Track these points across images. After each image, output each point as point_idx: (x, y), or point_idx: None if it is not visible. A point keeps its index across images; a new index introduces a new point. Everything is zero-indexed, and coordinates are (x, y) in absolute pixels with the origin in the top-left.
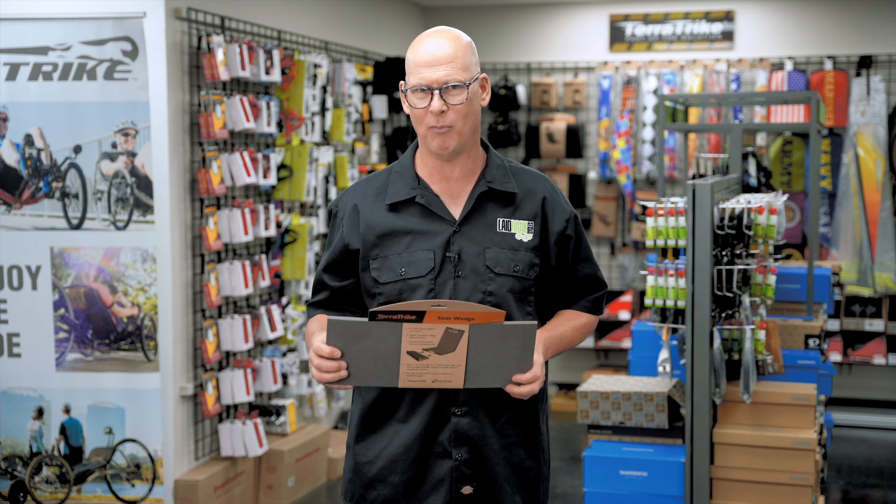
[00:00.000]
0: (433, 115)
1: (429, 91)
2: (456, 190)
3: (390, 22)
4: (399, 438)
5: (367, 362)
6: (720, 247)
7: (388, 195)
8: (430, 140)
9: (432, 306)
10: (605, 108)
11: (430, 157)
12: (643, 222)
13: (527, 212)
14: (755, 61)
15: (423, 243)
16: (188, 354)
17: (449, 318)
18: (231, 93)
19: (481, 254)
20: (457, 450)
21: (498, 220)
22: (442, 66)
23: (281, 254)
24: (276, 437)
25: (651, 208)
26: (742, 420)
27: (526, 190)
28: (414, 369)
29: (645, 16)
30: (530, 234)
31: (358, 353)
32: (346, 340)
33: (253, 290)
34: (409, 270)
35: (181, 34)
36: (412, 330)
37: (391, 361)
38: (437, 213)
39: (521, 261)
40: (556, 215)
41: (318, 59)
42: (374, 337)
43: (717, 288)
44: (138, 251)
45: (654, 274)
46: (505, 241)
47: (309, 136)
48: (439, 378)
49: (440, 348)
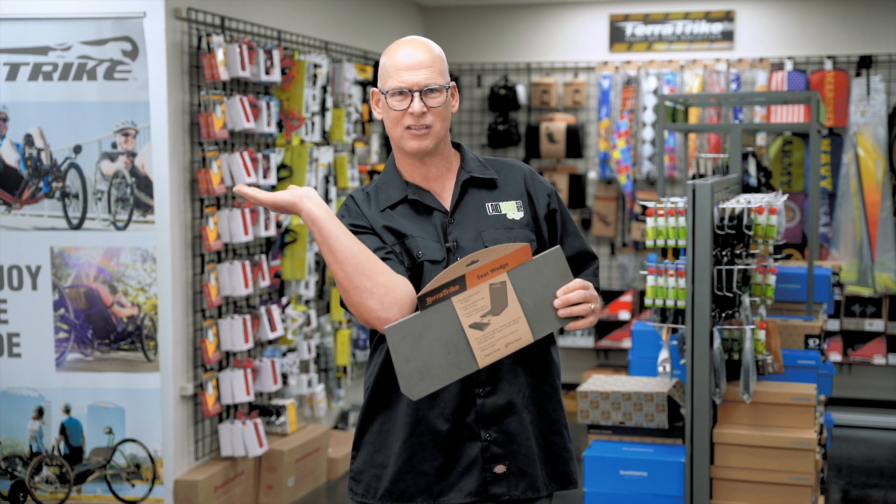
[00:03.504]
0: (412, 116)
1: (409, 93)
2: (438, 187)
3: (390, 22)
4: (424, 426)
5: (440, 356)
6: (720, 247)
7: (380, 202)
8: (407, 141)
9: (467, 266)
10: (605, 108)
11: (407, 160)
12: (643, 222)
13: (512, 193)
14: (755, 61)
15: (424, 235)
16: (188, 354)
17: (486, 274)
18: (231, 93)
19: (478, 237)
20: (485, 431)
21: (486, 204)
22: (422, 69)
23: (281, 254)
24: (276, 437)
25: (651, 208)
26: (742, 420)
27: (505, 175)
28: (483, 341)
29: (645, 16)
30: (520, 211)
31: (428, 349)
32: (411, 341)
33: (253, 290)
34: (425, 253)
35: (181, 34)
36: (462, 301)
37: (460, 343)
38: (431, 206)
39: (518, 238)
40: (539, 191)
41: (318, 59)
42: (434, 326)
43: (717, 288)
44: (138, 251)
45: (654, 274)
46: (499, 222)
47: (309, 136)
48: (510, 339)
49: (495, 308)
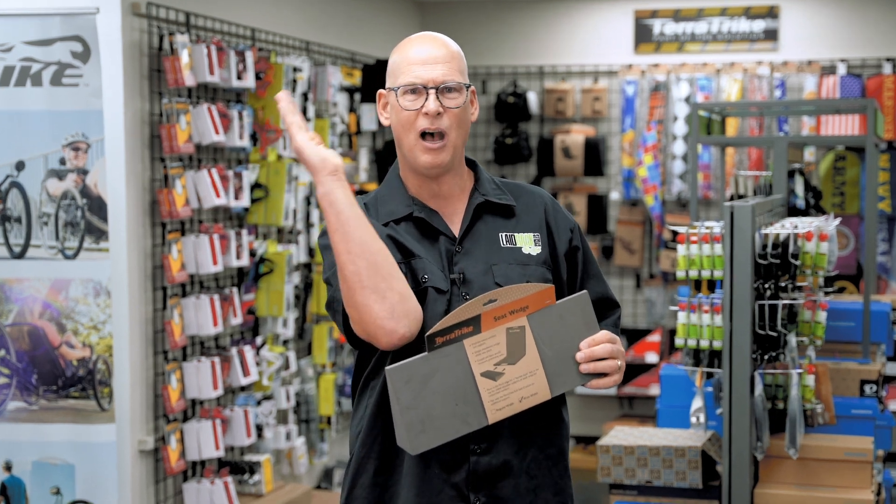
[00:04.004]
0: (427, 117)
1: (423, 90)
2: (448, 208)
3: (382, 19)
4: (408, 481)
5: (446, 406)
6: (762, 278)
7: (380, 216)
8: (420, 155)
9: (484, 305)
10: (629, 118)
11: (415, 176)
12: (673, 250)
13: (530, 224)
14: (802, 64)
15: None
16: (148, 403)
17: (504, 316)
18: (197, 101)
19: (488, 271)
20: (475, 494)
21: (500, 234)
22: (438, 65)
23: (255, 287)
24: (249, 498)
25: (682, 234)
26: (788, 479)
27: (524, 203)
28: (496, 393)
29: (675, 12)
30: (538, 246)
31: (433, 397)
32: (415, 387)
33: (223, 328)
34: (431, 279)
35: (140, 33)
36: (475, 345)
37: (469, 393)
38: (437, 229)
39: (533, 276)
40: (560, 225)
41: (298, 62)
42: (442, 371)
43: (758, 326)
44: (90, 283)
45: (685, 310)
46: (512, 256)
47: (287, 150)
48: (525, 394)
49: (511, 356)
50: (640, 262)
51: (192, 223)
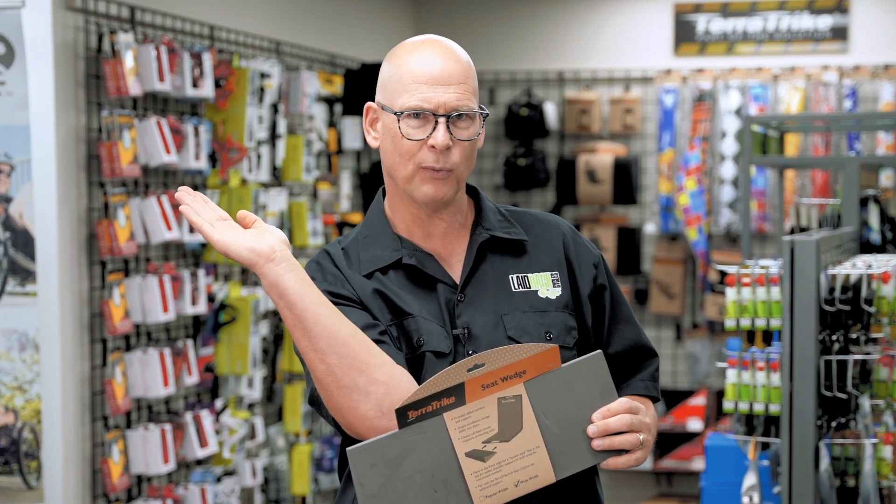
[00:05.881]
0: (433, 151)
1: (432, 118)
2: (447, 249)
3: (368, 16)
4: None
5: (422, 494)
6: (829, 329)
7: (362, 264)
8: (420, 185)
9: (467, 371)
10: (668, 134)
11: (407, 210)
12: (721, 294)
13: (546, 261)
14: (878, 69)
15: (425, 315)
16: (84, 480)
17: (495, 384)
18: (145, 113)
19: (498, 323)
20: None
21: (511, 277)
22: (452, 86)
23: (214, 339)
24: None
25: (732, 275)
26: None
27: (537, 235)
28: (485, 477)
29: (724, 6)
30: (557, 287)
31: (405, 484)
32: (383, 471)
33: (175, 389)
34: (429, 341)
35: (75, 31)
36: (459, 420)
37: (452, 478)
38: (434, 276)
39: (554, 325)
40: (583, 260)
41: (266, 66)
42: (418, 452)
43: (824, 386)
44: (14, 335)
45: (736, 367)
46: (527, 303)
47: (253, 173)
48: (522, 477)
49: (504, 432)
50: (681, 308)
51: (138, 262)
